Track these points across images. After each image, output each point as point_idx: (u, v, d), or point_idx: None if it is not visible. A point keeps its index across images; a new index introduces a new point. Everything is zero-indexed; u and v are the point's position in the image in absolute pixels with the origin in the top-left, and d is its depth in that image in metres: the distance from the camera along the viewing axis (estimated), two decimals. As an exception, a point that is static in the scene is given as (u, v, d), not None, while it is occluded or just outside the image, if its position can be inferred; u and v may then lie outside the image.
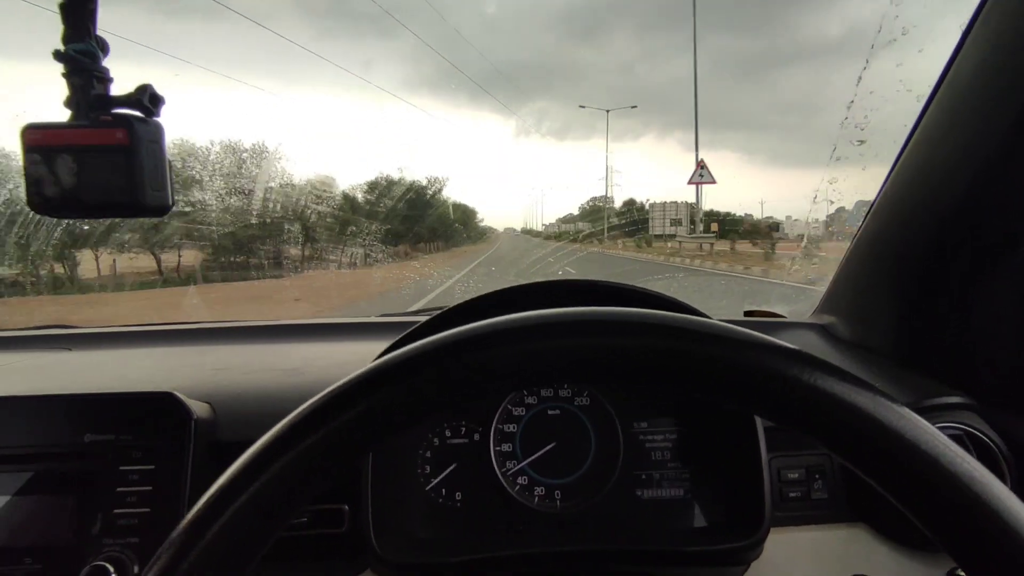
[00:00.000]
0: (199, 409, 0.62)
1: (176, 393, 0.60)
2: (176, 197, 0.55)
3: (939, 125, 0.64)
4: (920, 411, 0.66)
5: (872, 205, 0.79)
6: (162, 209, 0.54)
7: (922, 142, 0.67)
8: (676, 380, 0.31)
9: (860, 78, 0.77)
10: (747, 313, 1.12)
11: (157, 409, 0.59)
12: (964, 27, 0.57)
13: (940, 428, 0.64)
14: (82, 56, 0.50)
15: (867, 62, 0.75)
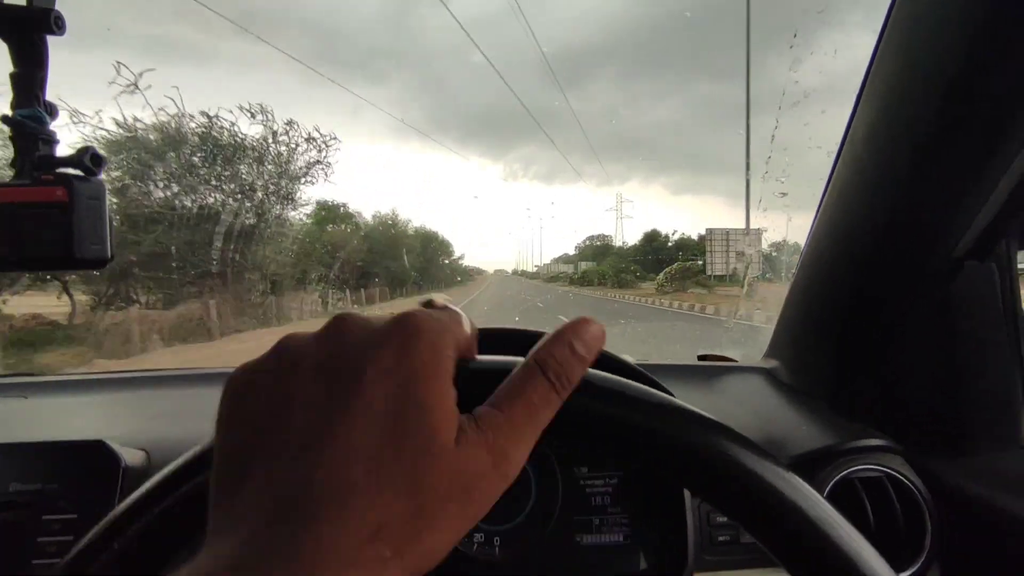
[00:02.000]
0: (132, 457, 0.62)
1: (106, 441, 0.60)
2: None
3: (846, 180, 0.68)
4: (842, 453, 0.68)
5: (802, 254, 0.83)
6: (100, 262, 0.56)
7: (834, 196, 0.71)
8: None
9: (773, 136, 0.83)
10: (700, 357, 1.14)
11: (87, 457, 0.60)
12: (857, 91, 0.62)
13: (859, 470, 0.66)
14: (29, 120, 0.54)
15: (777, 122, 0.81)
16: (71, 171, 0.54)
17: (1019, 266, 0.65)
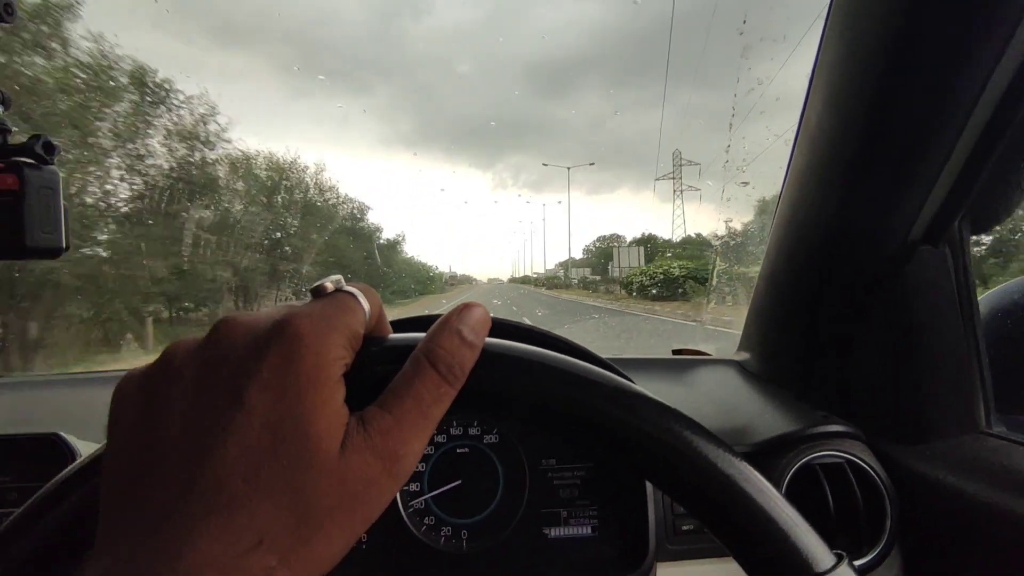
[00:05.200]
0: (88, 450, 0.62)
1: (62, 434, 0.60)
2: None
3: (802, 168, 0.69)
4: (804, 440, 0.68)
5: (768, 244, 0.84)
6: (54, 251, 0.56)
7: (793, 183, 0.72)
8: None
9: (731, 124, 0.83)
10: (675, 352, 1.15)
11: (41, 451, 0.59)
12: (809, 76, 0.63)
13: (820, 456, 0.66)
14: (-21, 109, 0.53)
15: (733, 110, 0.81)
16: (23, 159, 0.54)
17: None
